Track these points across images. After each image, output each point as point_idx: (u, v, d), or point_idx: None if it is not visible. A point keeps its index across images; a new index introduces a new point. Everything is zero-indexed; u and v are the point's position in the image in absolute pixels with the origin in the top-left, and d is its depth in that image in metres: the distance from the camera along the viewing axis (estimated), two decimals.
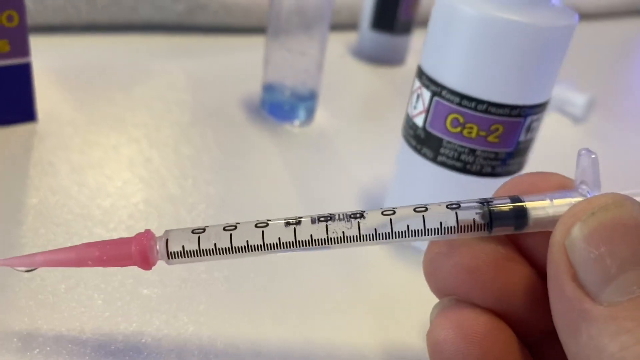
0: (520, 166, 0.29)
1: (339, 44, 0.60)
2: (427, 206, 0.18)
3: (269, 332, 0.25)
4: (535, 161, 0.30)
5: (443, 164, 0.28)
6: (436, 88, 0.27)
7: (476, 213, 0.18)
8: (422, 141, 0.29)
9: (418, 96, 0.29)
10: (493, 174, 0.28)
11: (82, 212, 0.30)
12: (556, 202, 0.17)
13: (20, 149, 0.35)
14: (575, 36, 0.27)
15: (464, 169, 0.28)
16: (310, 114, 0.42)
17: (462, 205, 0.18)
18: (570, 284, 0.15)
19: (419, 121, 0.29)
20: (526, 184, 0.18)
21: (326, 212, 0.18)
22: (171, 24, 0.55)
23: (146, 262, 0.19)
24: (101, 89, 0.43)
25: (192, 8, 0.55)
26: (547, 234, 0.16)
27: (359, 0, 0.59)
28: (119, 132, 0.38)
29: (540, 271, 0.18)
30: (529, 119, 0.27)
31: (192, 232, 0.18)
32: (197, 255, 0.18)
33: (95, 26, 0.53)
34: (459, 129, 0.27)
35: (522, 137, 0.28)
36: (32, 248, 0.27)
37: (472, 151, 0.27)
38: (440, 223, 0.18)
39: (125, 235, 0.24)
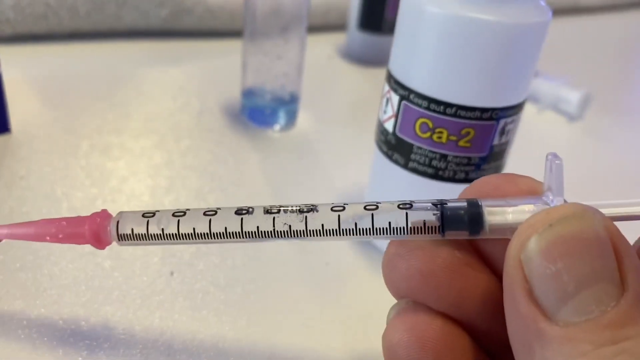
0: (496, 171, 0.28)
1: (327, 45, 0.59)
2: (378, 204, 0.17)
3: (233, 345, 0.24)
4: (528, 161, 0.29)
5: (414, 171, 0.27)
6: (404, 92, 0.26)
7: (433, 214, 0.16)
8: (393, 147, 0.28)
9: (387, 100, 0.28)
10: (467, 180, 0.27)
11: None
12: (516, 209, 0.16)
13: None
14: (569, 31, 0.26)
15: (436, 176, 0.27)
16: (291, 118, 0.42)
17: (414, 205, 0.17)
18: (525, 300, 0.13)
19: (389, 126, 0.27)
20: (492, 186, 0.17)
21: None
22: (156, 30, 0.54)
23: (98, 242, 0.19)
24: (81, 98, 0.43)
25: (176, 13, 0.54)
26: (508, 242, 0.15)
27: (347, 0, 0.58)
28: (93, 141, 0.37)
29: (500, 279, 0.17)
30: (502, 122, 0.26)
31: (143, 215, 0.18)
32: (145, 239, 0.18)
33: (79, 34, 0.52)
34: (428, 134, 0.26)
35: (495, 141, 0.27)
36: None
37: (444, 157, 0.26)
38: (390, 223, 0.17)
39: None
